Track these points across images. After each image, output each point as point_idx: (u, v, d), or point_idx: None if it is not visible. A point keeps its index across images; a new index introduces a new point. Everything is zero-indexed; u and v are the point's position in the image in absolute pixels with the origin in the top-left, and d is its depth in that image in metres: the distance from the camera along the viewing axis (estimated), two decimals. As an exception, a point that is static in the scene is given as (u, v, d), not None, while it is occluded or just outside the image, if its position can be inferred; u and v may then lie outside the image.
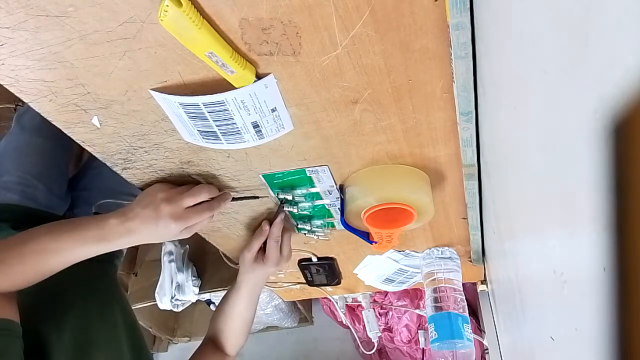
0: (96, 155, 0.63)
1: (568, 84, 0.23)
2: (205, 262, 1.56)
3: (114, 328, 0.76)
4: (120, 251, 1.01)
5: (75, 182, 1.04)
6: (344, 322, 1.49)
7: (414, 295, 1.53)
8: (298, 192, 0.71)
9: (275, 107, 0.53)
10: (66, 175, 1.01)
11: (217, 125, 0.54)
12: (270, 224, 0.75)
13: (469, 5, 0.41)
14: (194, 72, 0.49)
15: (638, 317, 0.18)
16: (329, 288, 1.06)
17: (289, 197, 0.71)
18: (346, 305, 1.41)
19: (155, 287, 1.50)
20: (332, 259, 0.94)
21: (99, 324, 0.74)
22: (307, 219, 0.78)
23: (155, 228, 0.61)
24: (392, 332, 1.57)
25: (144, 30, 0.44)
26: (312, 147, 0.61)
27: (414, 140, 0.60)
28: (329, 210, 0.76)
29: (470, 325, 0.83)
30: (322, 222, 0.79)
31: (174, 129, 0.58)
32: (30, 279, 0.61)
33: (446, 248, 0.88)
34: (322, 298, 1.62)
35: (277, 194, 0.71)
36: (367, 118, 0.56)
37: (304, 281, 1.02)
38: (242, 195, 0.71)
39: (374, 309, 1.19)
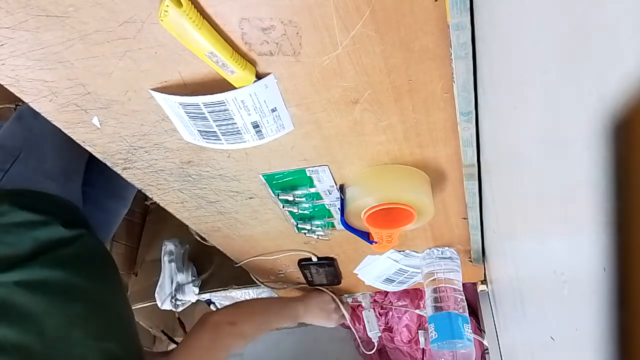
0: (96, 156, 0.63)
1: (568, 83, 0.23)
2: (205, 262, 1.56)
3: None
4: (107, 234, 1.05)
5: None
6: (344, 322, 1.49)
7: (414, 295, 1.52)
8: (298, 192, 0.71)
9: (275, 107, 0.53)
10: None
11: (217, 125, 0.54)
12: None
13: (469, 5, 0.41)
14: (194, 72, 0.49)
15: (638, 317, 0.18)
16: (329, 288, 1.06)
17: (289, 198, 0.71)
18: (346, 305, 1.41)
19: (155, 287, 1.50)
20: (332, 259, 0.94)
21: None
22: (307, 219, 0.78)
23: (319, 320, 1.07)
24: (392, 332, 1.56)
25: (144, 30, 0.44)
26: (312, 147, 0.61)
27: (414, 140, 0.60)
28: (329, 210, 0.76)
29: (470, 325, 0.83)
30: (322, 222, 0.79)
31: (174, 129, 0.58)
32: None
33: (446, 248, 0.88)
34: (322, 298, 1.62)
35: (278, 195, 0.71)
36: (367, 118, 0.56)
37: (304, 281, 1.02)
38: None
39: (374, 309, 1.19)
